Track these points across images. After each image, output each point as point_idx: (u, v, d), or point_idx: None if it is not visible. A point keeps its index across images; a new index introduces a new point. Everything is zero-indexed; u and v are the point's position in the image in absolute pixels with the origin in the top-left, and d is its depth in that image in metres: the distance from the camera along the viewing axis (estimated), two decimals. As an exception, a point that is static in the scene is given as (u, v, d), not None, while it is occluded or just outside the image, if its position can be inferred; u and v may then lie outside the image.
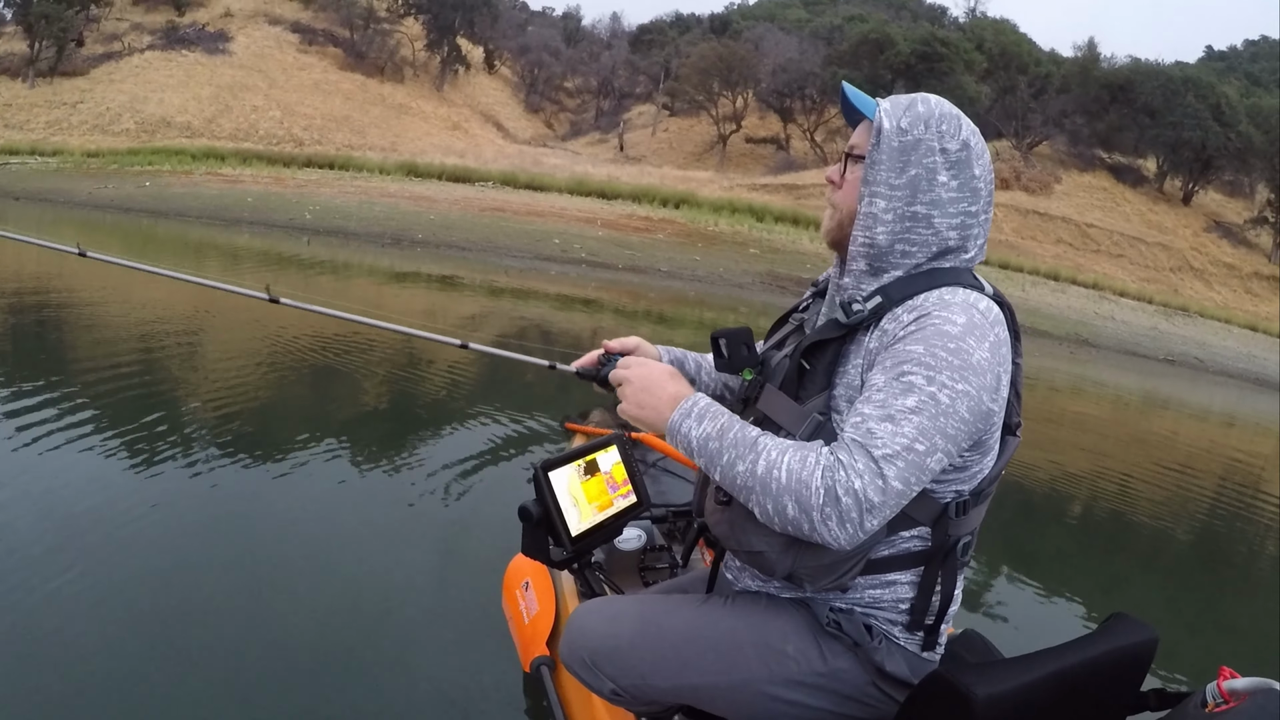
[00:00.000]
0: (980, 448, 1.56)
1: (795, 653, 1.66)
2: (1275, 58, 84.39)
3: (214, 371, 7.03)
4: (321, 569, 3.71)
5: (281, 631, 3.16)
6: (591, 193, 34.95)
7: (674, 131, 59.69)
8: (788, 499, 1.41)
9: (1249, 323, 36.09)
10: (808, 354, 1.61)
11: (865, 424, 1.42)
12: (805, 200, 39.37)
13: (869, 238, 1.60)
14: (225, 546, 3.80)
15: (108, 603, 3.16)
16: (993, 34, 56.76)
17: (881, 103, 1.63)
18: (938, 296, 1.52)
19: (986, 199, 1.62)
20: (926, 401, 1.41)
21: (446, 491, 4.83)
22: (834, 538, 1.38)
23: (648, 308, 17.14)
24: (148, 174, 31.21)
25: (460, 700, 2.87)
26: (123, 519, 3.87)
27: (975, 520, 1.64)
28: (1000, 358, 1.50)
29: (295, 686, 2.85)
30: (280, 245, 19.16)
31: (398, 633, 3.23)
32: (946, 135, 1.57)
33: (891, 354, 1.48)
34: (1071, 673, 1.51)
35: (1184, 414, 15.82)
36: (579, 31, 79.74)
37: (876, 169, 1.58)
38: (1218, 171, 49.50)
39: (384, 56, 54.74)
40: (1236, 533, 6.82)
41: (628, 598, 1.90)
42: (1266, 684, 1.37)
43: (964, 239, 1.60)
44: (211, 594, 3.36)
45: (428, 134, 49.37)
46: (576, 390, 4.11)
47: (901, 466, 1.38)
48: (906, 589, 1.64)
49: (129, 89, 44.52)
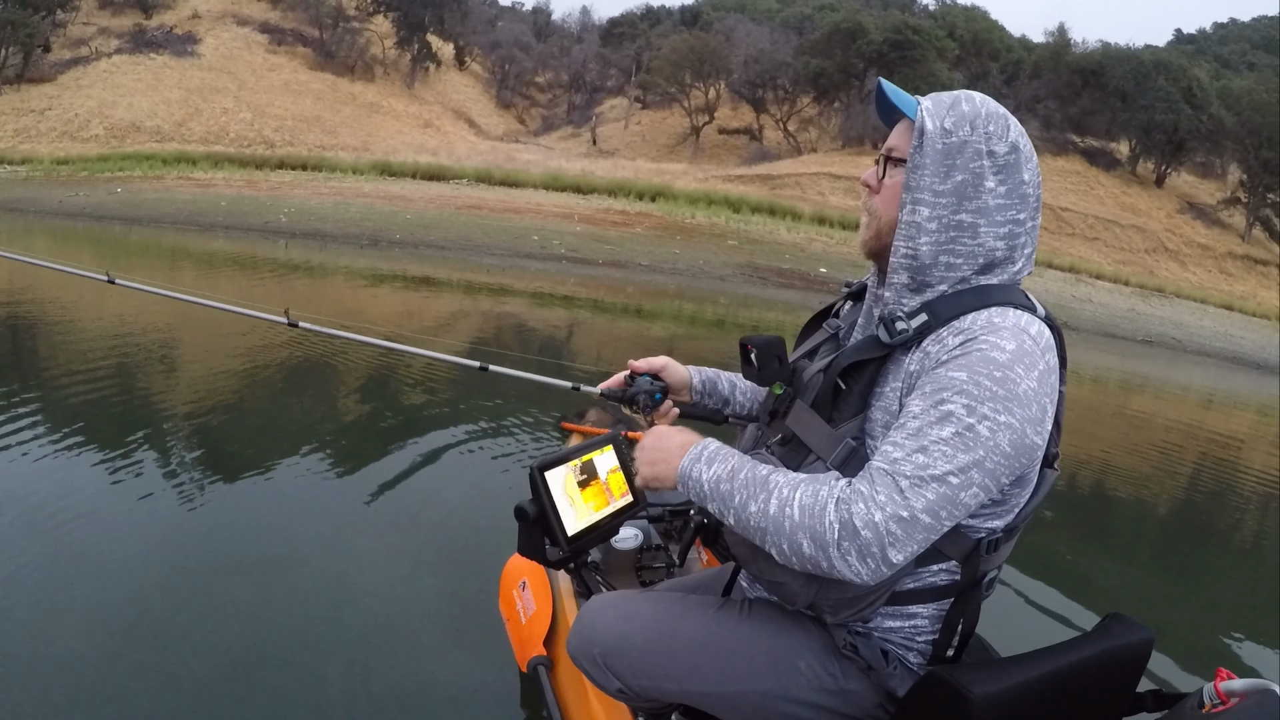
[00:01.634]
0: (1021, 482, 1.48)
1: (807, 669, 1.62)
2: (1244, 40, 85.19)
3: (204, 378, 6.98)
4: (316, 569, 3.70)
5: (277, 631, 3.16)
6: (567, 188, 34.84)
7: (646, 124, 59.59)
8: (802, 536, 1.36)
9: (1224, 302, 36.43)
10: (845, 374, 1.52)
11: (895, 453, 1.36)
12: (780, 190, 39.46)
13: (911, 249, 1.50)
14: (218, 548, 3.80)
15: (105, 616, 3.12)
16: (964, 21, 57.09)
17: (923, 101, 1.52)
18: (986, 318, 1.42)
19: (1035, 205, 1.52)
20: (964, 433, 1.34)
21: (441, 492, 4.82)
22: (855, 573, 1.33)
23: (632, 303, 17.13)
24: (119, 180, 30.87)
25: (456, 700, 2.87)
26: (124, 523, 3.89)
27: (1004, 555, 1.58)
28: (1048, 387, 1.41)
29: (290, 686, 2.85)
30: (259, 250, 18.99)
31: (394, 633, 3.22)
32: (994, 137, 1.47)
33: (932, 379, 1.40)
34: (1068, 673, 1.50)
35: (1171, 398, 15.88)
36: (549, 26, 79.39)
37: (920, 174, 1.49)
38: (1190, 154, 49.90)
39: (354, 55, 54.34)
40: (1235, 532, 6.80)
41: (642, 596, 1.86)
42: (1263, 685, 1.36)
43: (1011, 249, 1.50)
44: (209, 593, 3.37)
45: (400, 132, 49.09)
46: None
47: (931, 499, 1.32)
48: (928, 621, 1.59)
49: (97, 94, 44.04)
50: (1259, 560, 6.11)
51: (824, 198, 39.76)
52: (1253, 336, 30.68)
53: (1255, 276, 43.83)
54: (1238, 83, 52.84)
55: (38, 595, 3.21)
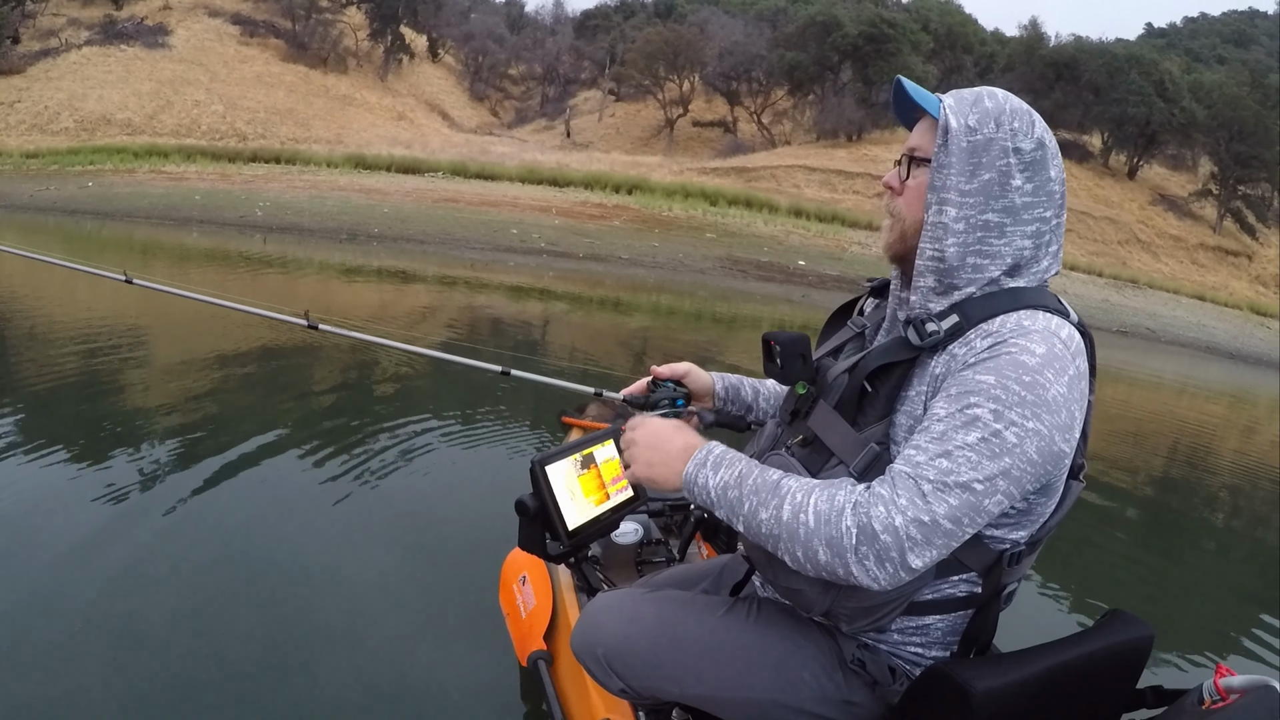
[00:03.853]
0: (1047, 492, 1.45)
1: (812, 679, 1.60)
2: (1214, 34, 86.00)
3: (204, 377, 6.90)
4: (316, 563, 3.69)
5: (276, 625, 3.14)
6: (543, 180, 34.86)
7: (621, 117, 59.53)
8: (818, 543, 1.33)
9: (1197, 292, 36.95)
10: (872, 376, 1.48)
11: (918, 456, 1.32)
12: (756, 183, 39.60)
13: (938, 250, 1.46)
14: (220, 547, 3.75)
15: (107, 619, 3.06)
16: (938, 14, 57.23)
17: (945, 98, 1.48)
18: (1016, 321, 1.38)
19: (1060, 203, 1.49)
20: (991, 439, 1.30)
21: (441, 487, 4.82)
22: (873, 579, 1.30)
23: (624, 298, 17.18)
24: (90, 174, 30.62)
25: (456, 694, 2.86)
26: (126, 522, 3.81)
27: (1025, 569, 1.55)
28: (1078, 393, 1.37)
29: (290, 680, 2.83)
30: (238, 244, 18.87)
31: (394, 627, 3.21)
32: (1019, 134, 1.44)
33: (958, 381, 1.36)
34: (1068, 668, 1.50)
35: (1159, 389, 16.07)
36: (523, 18, 79.14)
37: (945, 173, 1.44)
38: (1161, 146, 50.59)
39: (327, 47, 53.88)
40: (1235, 528, 6.82)
41: (648, 597, 1.83)
42: (1263, 681, 1.36)
43: (1038, 249, 1.47)
44: (209, 589, 3.34)
45: (373, 125, 48.78)
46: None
47: (954, 504, 1.29)
48: (941, 633, 1.56)
49: (67, 86, 43.53)
50: (1259, 556, 6.14)
51: (799, 190, 39.91)
52: (1225, 326, 31.12)
53: (1226, 267, 44.39)
54: (1209, 76, 53.54)
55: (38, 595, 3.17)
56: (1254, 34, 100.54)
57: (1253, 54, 79.37)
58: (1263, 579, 5.52)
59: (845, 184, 41.57)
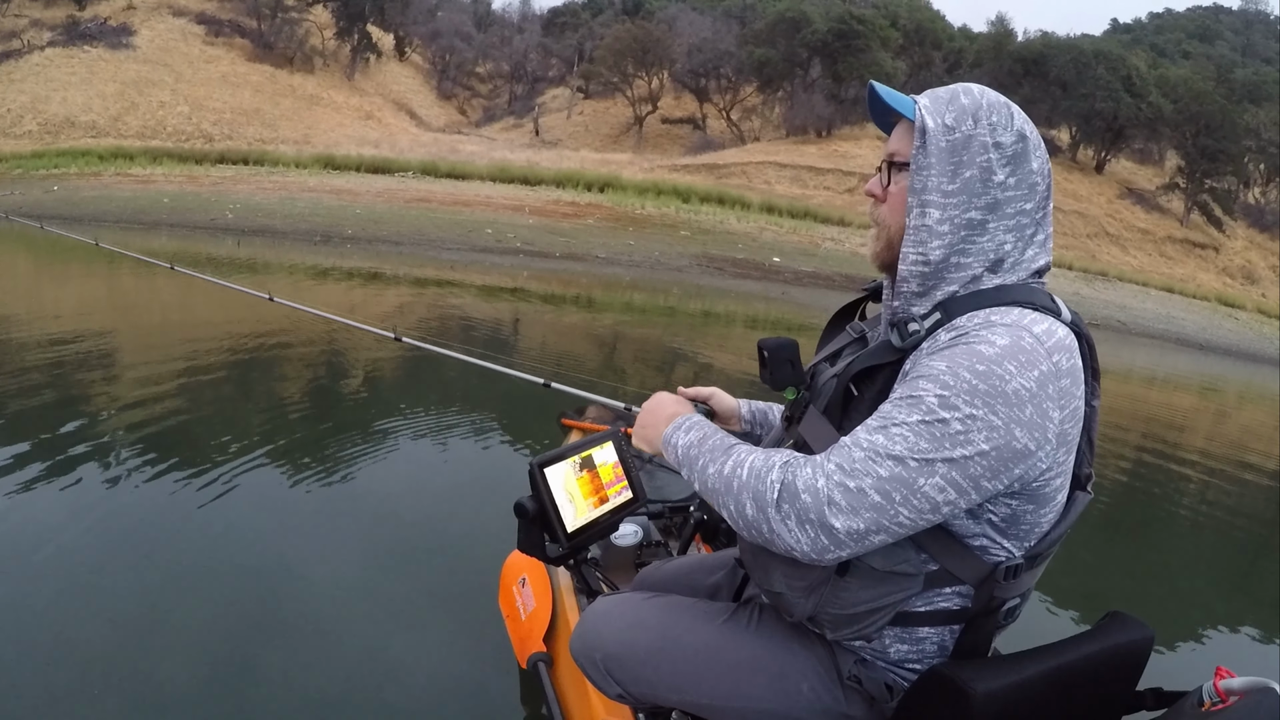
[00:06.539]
0: (1033, 499, 1.38)
1: (809, 692, 1.59)
2: (1179, 30, 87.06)
3: (203, 377, 6.80)
4: (315, 566, 3.68)
5: (276, 626, 3.15)
6: (514, 179, 34.88)
7: (589, 114, 59.56)
8: (746, 497, 1.36)
9: (1165, 285, 37.41)
10: (858, 379, 1.46)
11: (859, 432, 1.32)
12: (727, 180, 39.74)
13: (922, 254, 1.42)
14: (219, 545, 3.77)
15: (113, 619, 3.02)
16: (907, 11, 57.60)
17: (920, 99, 1.45)
18: (985, 316, 1.35)
19: (1045, 193, 1.45)
20: (932, 423, 1.26)
21: (441, 489, 4.84)
22: (795, 541, 1.30)
23: (614, 297, 17.25)
24: (54, 177, 30.33)
25: (456, 696, 2.88)
26: (132, 524, 3.80)
27: (1027, 584, 1.49)
28: (1054, 392, 1.29)
29: (290, 682, 2.84)
30: (212, 248, 18.70)
31: (394, 629, 3.21)
32: (999, 127, 1.40)
33: (914, 369, 1.34)
34: (1068, 670, 1.49)
35: (1145, 383, 16.19)
36: (490, 16, 79.01)
37: (925, 175, 1.41)
38: (1129, 140, 51.28)
39: (293, 46, 53.58)
40: (1235, 530, 6.80)
41: (649, 603, 1.82)
42: (1263, 683, 1.34)
43: (1019, 241, 1.43)
44: (209, 589, 3.36)
45: (340, 125, 48.55)
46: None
47: (883, 475, 1.26)
48: (937, 647, 1.53)
49: (30, 88, 43.06)
50: (1258, 557, 6.16)
51: (770, 186, 40.08)
52: (1194, 318, 31.53)
53: (1194, 260, 44.98)
54: (1175, 71, 54.19)
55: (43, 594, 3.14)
56: (1219, 29, 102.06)
57: (1218, 49, 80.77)
58: (1262, 579, 5.56)
59: (816, 180, 41.78)
